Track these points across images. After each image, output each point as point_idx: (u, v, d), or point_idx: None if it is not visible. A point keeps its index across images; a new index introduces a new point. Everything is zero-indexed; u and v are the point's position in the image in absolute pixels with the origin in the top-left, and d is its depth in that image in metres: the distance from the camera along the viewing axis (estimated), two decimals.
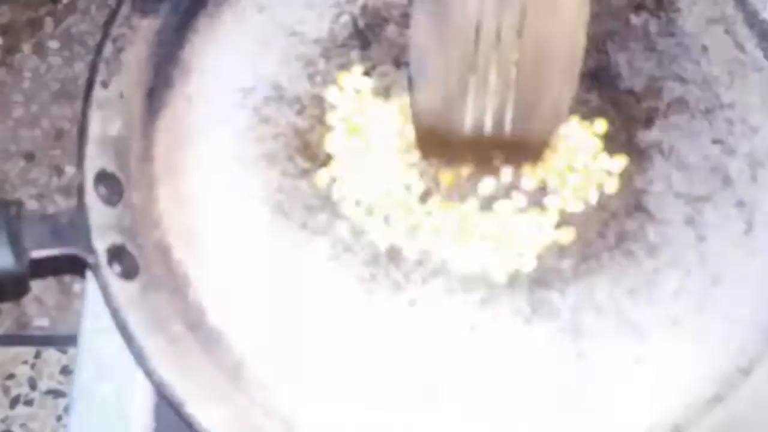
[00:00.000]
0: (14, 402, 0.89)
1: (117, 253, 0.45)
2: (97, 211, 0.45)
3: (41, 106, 0.99)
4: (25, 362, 0.91)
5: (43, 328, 0.92)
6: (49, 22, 1.03)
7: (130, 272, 0.45)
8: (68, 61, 1.01)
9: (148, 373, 0.42)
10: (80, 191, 0.45)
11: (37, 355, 0.91)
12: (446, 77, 0.41)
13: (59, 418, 0.90)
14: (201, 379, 0.44)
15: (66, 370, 0.91)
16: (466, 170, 0.46)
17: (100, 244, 0.44)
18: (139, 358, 0.43)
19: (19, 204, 0.45)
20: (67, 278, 0.94)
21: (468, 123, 0.42)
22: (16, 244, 0.42)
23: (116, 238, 0.45)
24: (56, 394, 0.90)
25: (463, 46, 0.39)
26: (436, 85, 0.41)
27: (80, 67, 1.00)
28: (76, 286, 0.94)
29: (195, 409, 0.42)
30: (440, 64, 0.41)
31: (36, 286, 0.94)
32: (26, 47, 1.02)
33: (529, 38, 0.39)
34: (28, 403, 0.90)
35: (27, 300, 0.93)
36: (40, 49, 1.02)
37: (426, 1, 0.40)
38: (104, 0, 1.02)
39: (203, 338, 0.45)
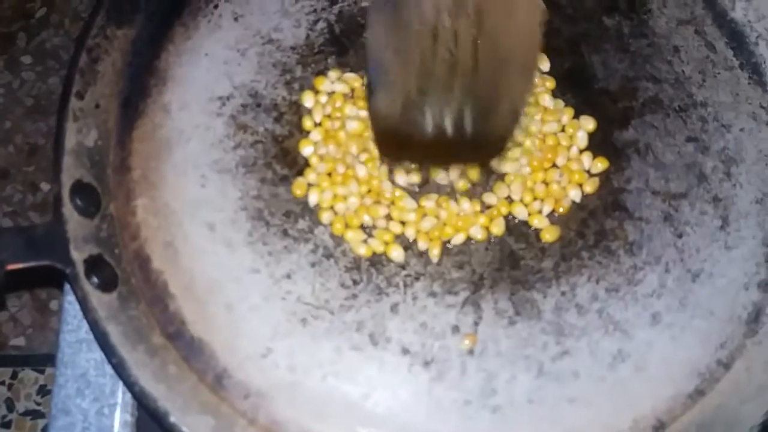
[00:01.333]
0: None
1: (95, 265, 0.44)
2: (74, 222, 0.45)
3: (15, 122, 0.98)
4: (2, 383, 0.89)
5: (19, 347, 0.91)
6: (21, 37, 1.02)
7: (108, 283, 0.44)
8: (42, 76, 1.01)
9: (129, 386, 0.42)
10: (57, 202, 0.44)
11: (14, 376, 0.89)
12: (405, 83, 0.41)
13: None
14: (183, 389, 0.43)
15: (43, 390, 0.89)
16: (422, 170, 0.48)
17: (78, 255, 0.43)
18: (120, 370, 0.42)
19: None
20: (43, 296, 0.92)
21: (428, 126, 0.42)
22: None
23: (94, 250, 0.45)
24: (34, 415, 0.89)
25: (420, 51, 0.39)
26: (394, 90, 0.41)
27: (54, 82, 1.00)
28: (53, 304, 0.92)
29: (178, 419, 0.41)
30: (398, 70, 0.40)
31: (11, 304, 0.92)
32: None
33: (486, 41, 0.39)
34: (6, 425, 0.88)
35: (2, 319, 0.91)
36: (13, 65, 1.01)
37: (382, 9, 0.40)
38: (78, 13, 1.01)
39: (184, 348, 0.45)
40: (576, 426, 0.44)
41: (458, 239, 0.47)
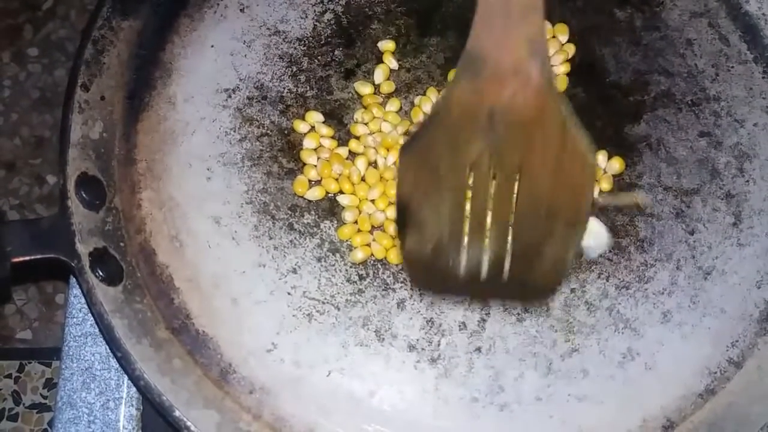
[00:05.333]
0: None
1: (100, 258, 0.44)
2: (80, 215, 0.44)
3: (21, 114, 0.98)
4: (9, 376, 0.89)
5: (25, 341, 0.91)
6: (28, 29, 1.01)
7: (113, 277, 0.44)
8: (48, 69, 1.00)
9: (134, 379, 0.41)
10: (62, 195, 0.44)
11: (20, 369, 0.89)
12: (435, 226, 0.37)
13: None
14: (188, 383, 0.43)
15: (50, 384, 0.90)
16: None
17: (83, 248, 0.43)
18: (125, 363, 0.42)
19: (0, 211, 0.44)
20: (49, 289, 0.92)
21: (462, 270, 0.38)
22: None
23: (99, 243, 0.45)
24: (40, 408, 0.89)
25: (451, 200, 0.35)
26: (425, 231, 0.37)
27: (60, 74, 0.99)
28: (59, 297, 0.92)
29: (183, 413, 0.41)
30: (428, 213, 0.37)
31: (18, 297, 0.92)
32: (5, 55, 1.01)
33: (527, 195, 0.35)
34: (12, 418, 0.89)
35: (9, 313, 0.91)
36: (19, 57, 1.01)
37: (412, 148, 0.35)
38: (84, 5, 1.01)
39: (189, 343, 0.44)
40: (585, 425, 0.43)
41: None
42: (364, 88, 0.50)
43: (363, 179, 0.48)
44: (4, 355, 0.90)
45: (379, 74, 0.50)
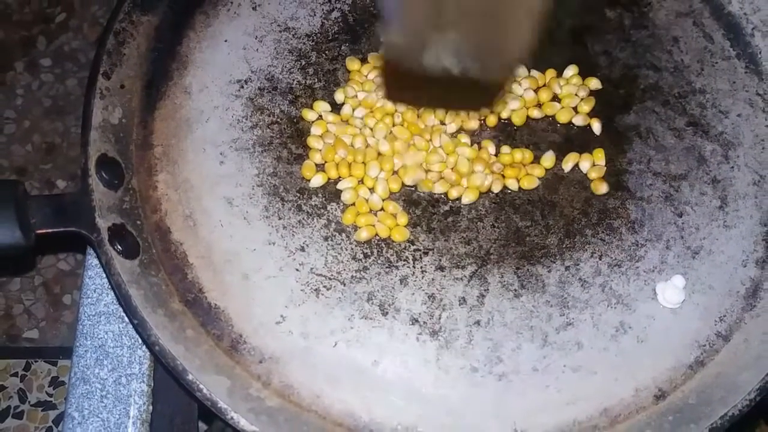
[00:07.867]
0: (4, 414, 0.89)
1: (118, 233, 0.46)
2: (99, 193, 0.46)
3: (33, 122, 1.01)
4: (15, 374, 0.91)
5: (32, 340, 0.93)
6: (41, 40, 1.05)
7: (130, 251, 0.46)
8: (60, 78, 1.04)
9: (150, 345, 0.43)
10: (84, 174, 0.46)
11: (27, 368, 0.91)
12: (410, 14, 0.42)
13: (49, 431, 0.90)
14: (200, 352, 0.45)
15: (55, 382, 0.91)
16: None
17: (103, 223, 0.45)
18: (141, 330, 0.43)
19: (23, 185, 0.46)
20: (56, 290, 0.94)
21: (427, 61, 0.43)
22: (23, 221, 0.43)
23: (117, 219, 0.47)
24: (46, 406, 0.90)
25: None
26: (405, 24, 0.43)
27: (72, 84, 1.03)
28: (66, 298, 0.94)
29: (196, 378, 0.42)
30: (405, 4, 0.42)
31: (26, 298, 0.94)
32: (19, 65, 1.04)
33: None
34: (18, 416, 0.90)
35: (16, 312, 0.93)
36: (32, 67, 1.04)
37: None
38: (96, 18, 1.04)
39: (202, 315, 0.46)
40: (580, 394, 0.45)
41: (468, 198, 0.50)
42: (353, 64, 0.53)
43: (364, 158, 0.50)
44: (11, 353, 0.92)
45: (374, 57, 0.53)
